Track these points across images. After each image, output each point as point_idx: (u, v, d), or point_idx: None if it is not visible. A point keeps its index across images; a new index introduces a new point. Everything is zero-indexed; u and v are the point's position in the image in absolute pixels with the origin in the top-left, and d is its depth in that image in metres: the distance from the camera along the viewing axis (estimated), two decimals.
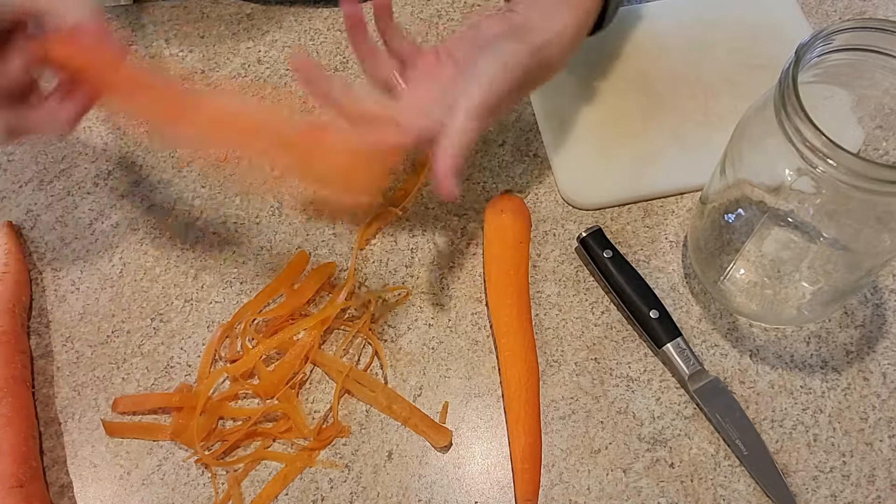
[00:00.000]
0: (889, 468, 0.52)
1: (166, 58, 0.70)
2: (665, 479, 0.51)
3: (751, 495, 0.51)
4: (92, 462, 0.53)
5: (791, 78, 0.42)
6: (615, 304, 0.58)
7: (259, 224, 0.62)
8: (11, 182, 0.64)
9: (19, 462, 0.50)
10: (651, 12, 0.70)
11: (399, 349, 0.56)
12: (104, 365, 0.56)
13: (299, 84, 0.50)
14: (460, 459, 0.53)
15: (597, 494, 0.51)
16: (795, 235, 0.51)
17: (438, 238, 0.61)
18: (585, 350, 0.56)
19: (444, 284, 0.59)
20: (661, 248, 0.60)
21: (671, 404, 0.54)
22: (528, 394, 0.53)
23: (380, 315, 0.58)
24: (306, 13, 0.72)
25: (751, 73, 0.66)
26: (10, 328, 0.55)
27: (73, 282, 0.60)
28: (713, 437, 0.53)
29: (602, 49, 0.68)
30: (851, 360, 0.55)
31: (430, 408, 0.54)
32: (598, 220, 0.61)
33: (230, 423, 0.54)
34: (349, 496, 0.51)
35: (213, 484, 0.52)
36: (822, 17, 0.71)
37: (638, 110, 0.65)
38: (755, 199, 0.49)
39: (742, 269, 0.55)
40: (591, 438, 0.53)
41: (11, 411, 0.51)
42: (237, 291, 0.59)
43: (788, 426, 0.53)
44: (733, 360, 0.55)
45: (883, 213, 0.44)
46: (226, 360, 0.56)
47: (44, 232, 0.62)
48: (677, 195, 0.62)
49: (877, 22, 0.44)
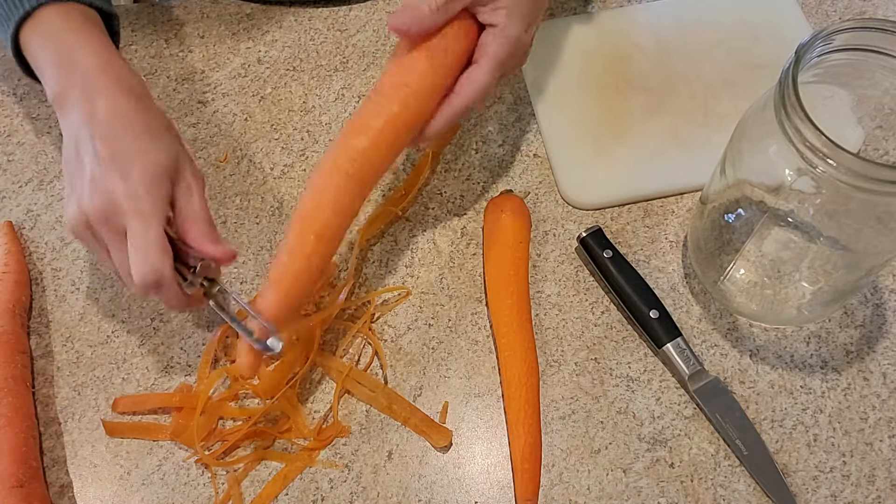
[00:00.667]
0: (889, 468, 0.52)
1: (166, 58, 0.70)
2: (665, 479, 0.51)
3: (751, 495, 0.51)
4: (92, 462, 0.53)
5: (791, 78, 0.42)
6: (615, 304, 0.58)
7: (259, 224, 0.62)
8: (11, 182, 0.64)
9: (19, 462, 0.50)
10: (651, 12, 0.70)
11: (399, 349, 0.56)
12: (104, 365, 0.56)
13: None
14: (460, 459, 0.53)
15: (597, 494, 0.51)
16: (795, 235, 0.51)
17: (438, 238, 0.61)
18: (585, 350, 0.56)
19: (444, 284, 0.59)
20: (661, 248, 0.60)
21: (671, 404, 0.54)
22: (528, 394, 0.53)
23: (380, 315, 0.58)
24: (306, 13, 0.72)
25: (751, 73, 0.66)
26: (10, 328, 0.55)
27: (73, 282, 0.60)
28: (713, 437, 0.53)
29: (602, 49, 0.68)
30: (851, 360, 0.55)
31: (430, 408, 0.54)
32: (598, 220, 0.61)
33: (230, 423, 0.54)
34: (349, 496, 0.51)
35: (213, 484, 0.52)
36: (822, 17, 0.71)
37: (638, 110, 0.65)
38: (755, 199, 0.49)
39: (742, 269, 0.55)
40: (591, 438, 0.53)
41: (11, 411, 0.51)
42: (237, 291, 0.59)
43: (788, 426, 0.53)
44: (733, 360, 0.55)
45: (883, 213, 0.44)
46: (226, 360, 0.56)
47: (44, 232, 0.62)
48: (677, 195, 0.62)
49: (877, 22, 0.44)
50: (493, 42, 0.52)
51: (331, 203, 0.48)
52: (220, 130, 0.66)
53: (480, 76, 0.52)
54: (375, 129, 0.49)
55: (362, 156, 0.49)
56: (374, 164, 0.50)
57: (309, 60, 0.69)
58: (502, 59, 0.52)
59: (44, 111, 0.67)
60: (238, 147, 0.65)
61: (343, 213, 0.49)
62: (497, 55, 0.52)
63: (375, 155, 0.50)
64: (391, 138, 0.50)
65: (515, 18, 0.52)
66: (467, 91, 0.52)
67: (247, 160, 0.65)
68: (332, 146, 0.50)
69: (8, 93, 0.69)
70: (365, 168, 0.49)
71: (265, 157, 0.65)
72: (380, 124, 0.50)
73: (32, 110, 0.68)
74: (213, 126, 0.66)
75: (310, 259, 0.48)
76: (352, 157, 0.49)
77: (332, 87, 0.68)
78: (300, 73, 0.69)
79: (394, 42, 0.70)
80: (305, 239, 0.48)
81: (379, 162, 0.50)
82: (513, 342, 0.54)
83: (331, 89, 0.68)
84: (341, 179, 0.49)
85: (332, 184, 0.49)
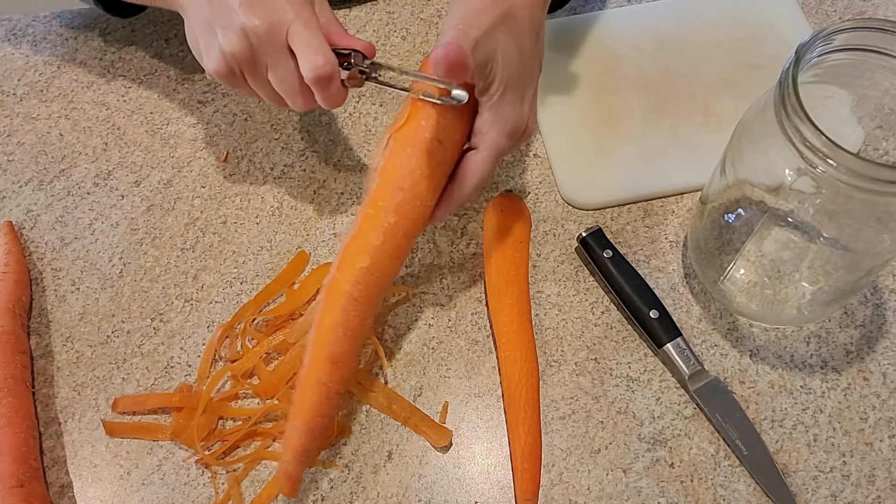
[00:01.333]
0: (889, 468, 0.52)
1: (166, 58, 0.70)
2: (665, 479, 0.51)
3: (751, 495, 0.51)
4: (92, 462, 0.53)
5: (791, 78, 0.42)
6: (615, 304, 0.58)
7: (259, 224, 0.62)
8: (11, 182, 0.64)
9: (19, 462, 0.50)
10: (651, 12, 0.70)
11: (399, 349, 0.56)
12: (104, 365, 0.56)
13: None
14: (460, 459, 0.53)
15: (597, 494, 0.51)
16: (795, 235, 0.51)
17: (438, 238, 0.61)
18: (585, 350, 0.56)
19: (444, 284, 0.59)
20: (661, 248, 0.60)
21: (671, 404, 0.54)
22: (528, 394, 0.53)
23: (380, 315, 0.58)
24: None
25: (751, 73, 0.66)
26: (10, 328, 0.55)
27: (73, 282, 0.60)
28: (713, 437, 0.53)
29: (602, 49, 0.68)
30: (851, 360, 0.55)
31: (430, 408, 0.54)
32: (598, 220, 0.61)
33: (230, 423, 0.54)
34: (349, 496, 0.51)
35: (213, 484, 0.52)
36: (822, 17, 0.71)
37: (638, 110, 0.65)
38: (755, 199, 0.49)
39: (742, 269, 0.55)
40: (591, 438, 0.53)
41: (11, 411, 0.51)
42: (237, 291, 0.59)
43: (788, 426, 0.53)
44: (733, 360, 0.55)
45: (883, 213, 0.44)
46: (226, 360, 0.56)
47: (44, 232, 0.62)
48: (677, 195, 0.62)
49: (877, 22, 0.44)
50: (492, 130, 0.50)
51: (341, 327, 0.48)
52: (220, 130, 0.66)
53: (481, 165, 0.50)
54: (375, 245, 0.48)
55: (366, 276, 0.48)
56: (378, 281, 0.49)
57: None
58: (502, 146, 0.50)
59: (44, 111, 0.67)
60: (238, 147, 0.65)
61: (354, 334, 0.49)
62: (497, 143, 0.50)
63: (379, 272, 0.49)
64: (392, 249, 0.49)
65: (512, 99, 0.49)
66: (469, 183, 0.50)
67: (247, 160, 0.65)
68: (336, 263, 0.49)
69: (8, 93, 0.69)
70: (371, 286, 0.49)
71: (265, 157, 0.65)
72: (379, 239, 0.48)
73: (32, 110, 0.68)
74: (213, 126, 0.66)
75: (327, 386, 0.48)
76: (355, 279, 0.48)
77: None
78: None
79: (394, 42, 0.70)
80: (321, 365, 0.48)
81: (383, 277, 0.49)
82: (513, 342, 0.54)
83: None
84: (348, 303, 0.48)
85: (338, 306, 0.48)
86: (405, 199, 0.48)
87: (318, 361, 0.48)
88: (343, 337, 0.48)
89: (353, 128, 0.66)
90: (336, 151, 0.65)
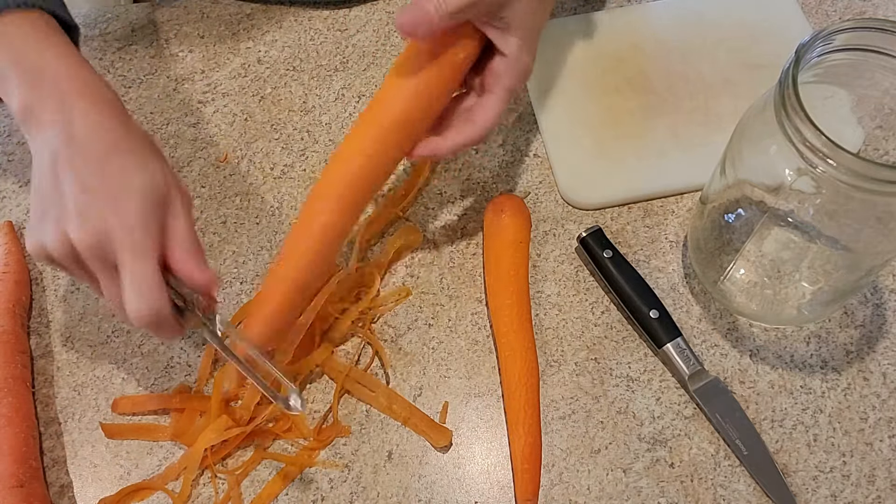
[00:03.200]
0: (889, 468, 0.52)
1: (166, 58, 0.70)
2: (665, 479, 0.51)
3: (751, 495, 0.51)
4: (92, 462, 0.53)
5: (791, 78, 0.42)
6: (615, 304, 0.58)
7: (259, 224, 0.62)
8: (11, 182, 0.64)
9: (19, 462, 0.50)
10: (651, 12, 0.70)
11: (399, 349, 0.56)
12: (104, 365, 0.56)
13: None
14: (460, 459, 0.53)
15: (597, 494, 0.51)
16: (795, 235, 0.51)
17: (438, 238, 0.61)
18: (585, 350, 0.56)
19: (444, 284, 0.59)
20: (661, 248, 0.60)
21: (671, 404, 0.54)
22: (528, 394, 0.53)
23: (380, 315, 0.58)
24: (306, 13, 0.72)
25: (751, 73, 0.66)
26: (10, 328, 0.55)
27: (73, 282, 0.60)
28: (713, 437, 0.53)
29: (602, 49, 0.68)
30: (851, 360, 0.55)
31: (430, 408, 0.54)
32: (598, 220, 0.61)
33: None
34: (349, 496, 0.51)
35: (213, 484, 0.52)
36: (822, 17, 0.71)
37: (638, 110, 0.65)
38: (755, 199, 0.49)
39: (742, 269, 0.55)
40: (591, 438, 0.53)
41: (11, 411, 0.51)
42: (237, 291, 0.59)
43: (788, 426, 0.53)
44: (733, 360, 0.55)
45: (883, 213, 0.44)
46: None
47: None
48: (677, 195, 0.62)
49: (877, 22, 0.44)
50: (507, 73, 0.51)
51: (337, 197, 0.50)
52: (220, 130, 0.66)
53: (496, 105, 0.52)
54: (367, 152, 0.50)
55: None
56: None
57: (309, 60, 0.69)
58: (514, 89, 0.52)
59: None
60: (238, 147, 0.65)
61: (349, 209, 0.51)
62: (511, 86, 0.52)
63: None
64: (394, 141, 0.51)
65: (527, 48, 0.51)
66: (483, 120, 0.52)
67: (247, 160, 0.65)
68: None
69: None
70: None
71: (265, 157, 0.65)
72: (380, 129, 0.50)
73: None
74: (213, 126, 0.66)
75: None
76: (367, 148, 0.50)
77: (332, 88, 0.68)
78: (300, 73, 0.69)
79: (393, 42, 0.70)
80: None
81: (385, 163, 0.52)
82: (513, 342, 0.54)
83: (331, 89, 0.68)
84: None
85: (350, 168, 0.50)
86: (398, 118, 0.50)
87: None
88: (339, 213, 0.50)
89: None
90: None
